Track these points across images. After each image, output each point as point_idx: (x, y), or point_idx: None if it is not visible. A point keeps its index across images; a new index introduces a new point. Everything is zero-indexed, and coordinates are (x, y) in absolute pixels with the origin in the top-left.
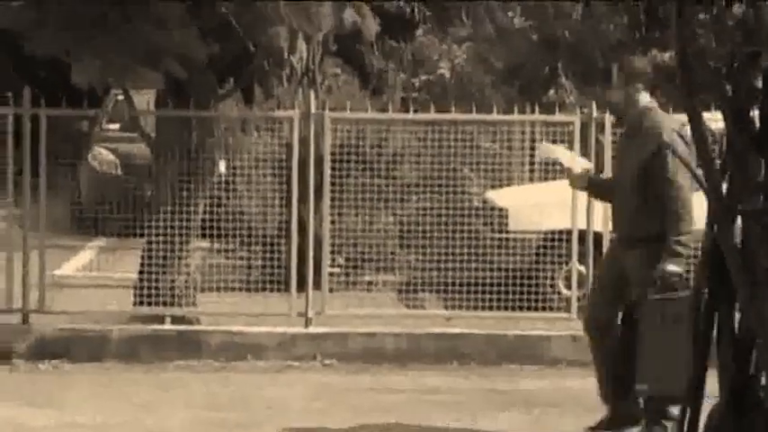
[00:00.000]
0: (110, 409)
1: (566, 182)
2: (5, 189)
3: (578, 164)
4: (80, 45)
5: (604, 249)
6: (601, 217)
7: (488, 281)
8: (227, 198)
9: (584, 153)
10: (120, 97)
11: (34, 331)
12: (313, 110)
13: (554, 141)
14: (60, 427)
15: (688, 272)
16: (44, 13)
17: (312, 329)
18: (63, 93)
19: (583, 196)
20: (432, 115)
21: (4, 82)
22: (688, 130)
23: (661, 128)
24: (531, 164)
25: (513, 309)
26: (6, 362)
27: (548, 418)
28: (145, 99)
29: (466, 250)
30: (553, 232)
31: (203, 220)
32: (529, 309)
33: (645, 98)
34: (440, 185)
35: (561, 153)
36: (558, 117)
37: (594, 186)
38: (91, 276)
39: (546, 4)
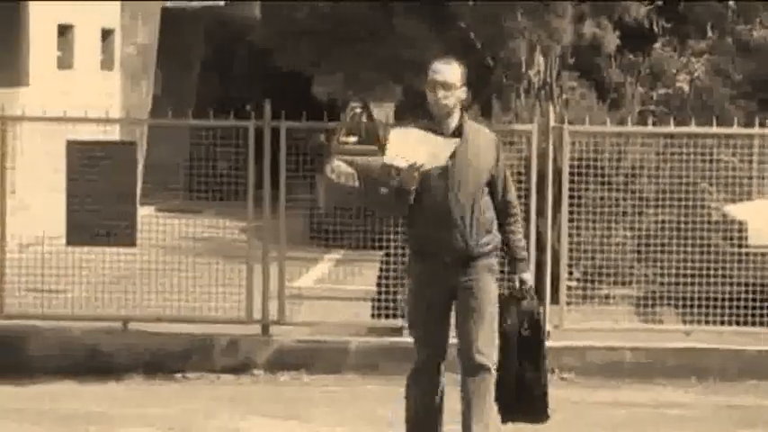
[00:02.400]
0: (351, 422)
1: None
2: (246, 201)
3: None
4: (324, 59)
5: None
6: None
7: (728, 295)
8: None
9: None
10: (358, 110)
11: (274, 342)
12: (552, 123)
13: None
14: None
15: None
16: (288, 27)
17: (550, 343)
18: (303, 106)
19: None
20: (670, 128)
21: (246, 95)
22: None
23: None
24: None
25: (754, 324)
26: (247, 372)
27: None
28: (384, 112)
29: (704, 264)
30: None
31: None
32: None
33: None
34: (678, 199)
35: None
36: None
37: None
38: (328, 288)
39: None
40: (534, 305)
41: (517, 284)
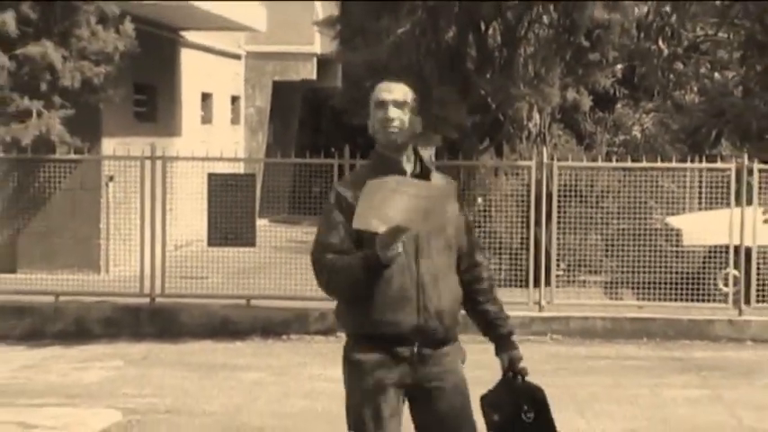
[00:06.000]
0: None
1: (725, 211)
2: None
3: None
4: None
5: (753, 260)
6: (749, 234)
7: (669, 281)
8: (484, 222)
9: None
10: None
11: None
12: (545, 160)
13: (714, 184)
14: None
15: None
16: (360, 95)
17: (544, 314)
18: (370, 149)
19: (738, 220)
20: (628, 164)
21: (331, 142)
22: None
23: None
24: (699, 197)
25: (687, 300)
26: (333, 335)
27: (712, 379)
28: (427, 153)
29: (652, 259)
30: (715, 246)
31: None
32: (697, 300)
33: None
34: (633, 213)
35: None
36: (719, 165)
37: None
38: None
39: (716, 85)
40: (532, 385)
41: (506, 365)
